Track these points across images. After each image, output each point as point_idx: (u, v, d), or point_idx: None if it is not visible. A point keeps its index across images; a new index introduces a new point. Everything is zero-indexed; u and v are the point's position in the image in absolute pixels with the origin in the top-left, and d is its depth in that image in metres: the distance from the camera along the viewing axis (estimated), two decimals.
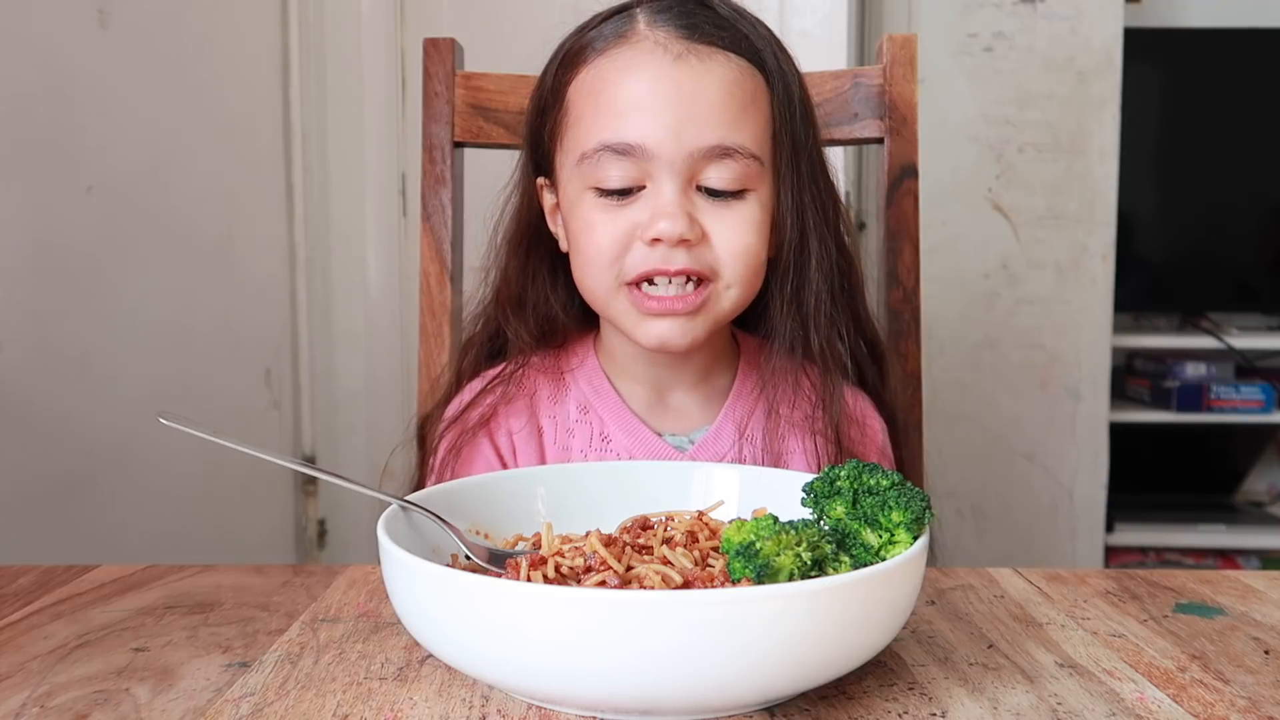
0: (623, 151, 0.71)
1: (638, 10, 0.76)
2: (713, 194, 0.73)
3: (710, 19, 0.75)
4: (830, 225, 0.79)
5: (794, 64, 0.78)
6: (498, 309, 0.85)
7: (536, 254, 0.83)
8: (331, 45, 1.83)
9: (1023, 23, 1.97)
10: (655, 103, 0.71)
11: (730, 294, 0.74)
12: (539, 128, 0.80)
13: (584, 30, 0.78)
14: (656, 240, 0.71)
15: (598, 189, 0.73)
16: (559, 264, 0.83)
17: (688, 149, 0.71)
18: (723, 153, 0.72)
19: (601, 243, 0.73)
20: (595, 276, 0.75)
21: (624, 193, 0.73)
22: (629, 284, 0.74)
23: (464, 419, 0.81)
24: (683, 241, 0.71)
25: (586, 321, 0.85)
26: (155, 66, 1.42)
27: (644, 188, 0.73)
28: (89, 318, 1.29)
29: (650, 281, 0.73)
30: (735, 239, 0.73)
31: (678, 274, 0.72)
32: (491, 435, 0.81)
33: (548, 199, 0.82)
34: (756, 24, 0.77)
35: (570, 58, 0.77)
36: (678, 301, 0.72)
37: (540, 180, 0.82)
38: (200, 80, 1.53)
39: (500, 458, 0.81)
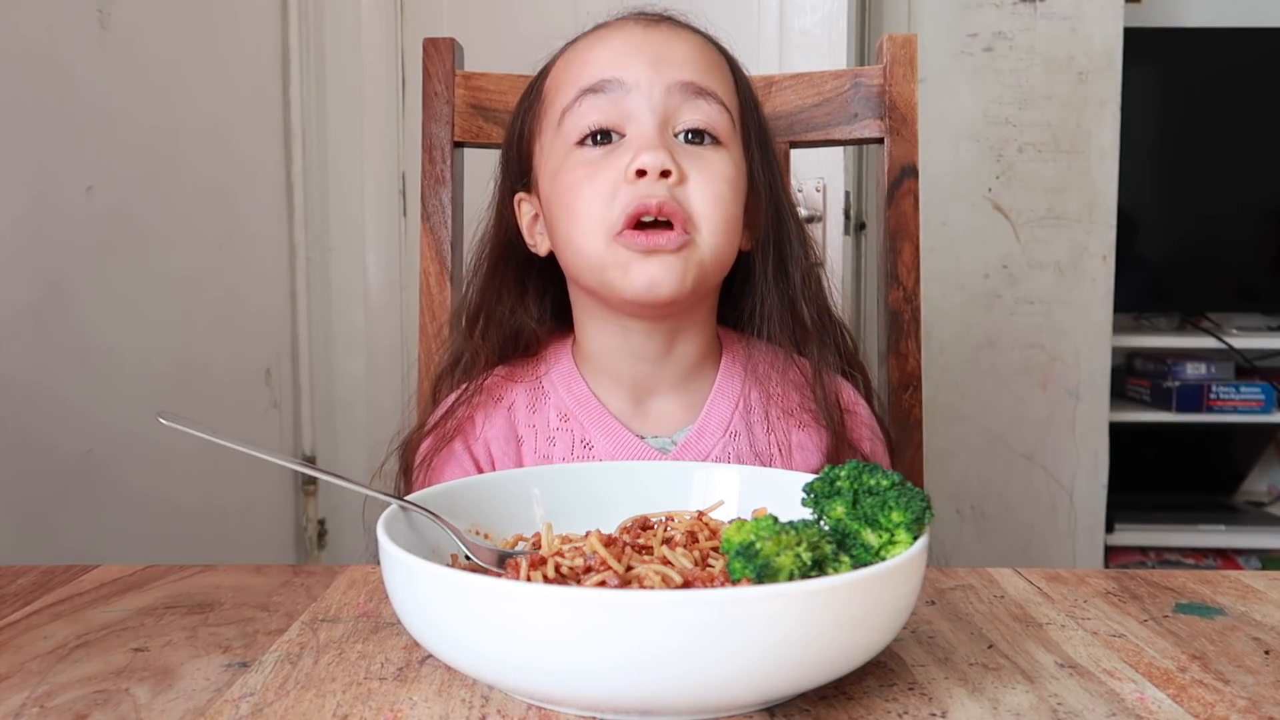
0: (599, 89, 0.74)
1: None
2: (691, 139, 0.75)
3: (678, 19, 0.80)
4: (798, 223, 0.82)
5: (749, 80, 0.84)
6: (461, 329, 0.85)
7: (504, 273, 0.84)
8: (331, 45, 1.83)
9: (1023, 23, 1.97)
10: (630, 47, 0.76)
11: (709, 244, 0.74)
12: (518, 132, 0.83)
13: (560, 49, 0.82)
14: (640, 173, 0.72)
15: (578, 141, 0.75)
16: (529, 279, 0.84)
17: (664, 82, 0.74)
18: (698, 91, 0.75)
19: (589, 195, 0.74)
20: (588, 233, 0.74)
21: (605, 138, 0.75)
22: (618, 233, 0.73)
23: (438, 430, 0.81)
24: (664, 174, 0.72)
25: (556, 326, 0.85)
26: (155, 66, 1.42)
27: (624, 136, 0.75)
28: (89, 318, 1.29)
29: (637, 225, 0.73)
30: (711, 186, 0.74)
31: (659, 209, 0.72)
32: (468, 444, 0.81)
33: (526, 211, 0.83)
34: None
35: (546, 66, 0.82)
36: (662, 236, 0.72)
37: (519, 195, 0.83)
38: (200, 80, 1.53)
39: (478, 466, 0.80)
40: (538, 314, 0.84)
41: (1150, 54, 2.09)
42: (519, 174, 0.83)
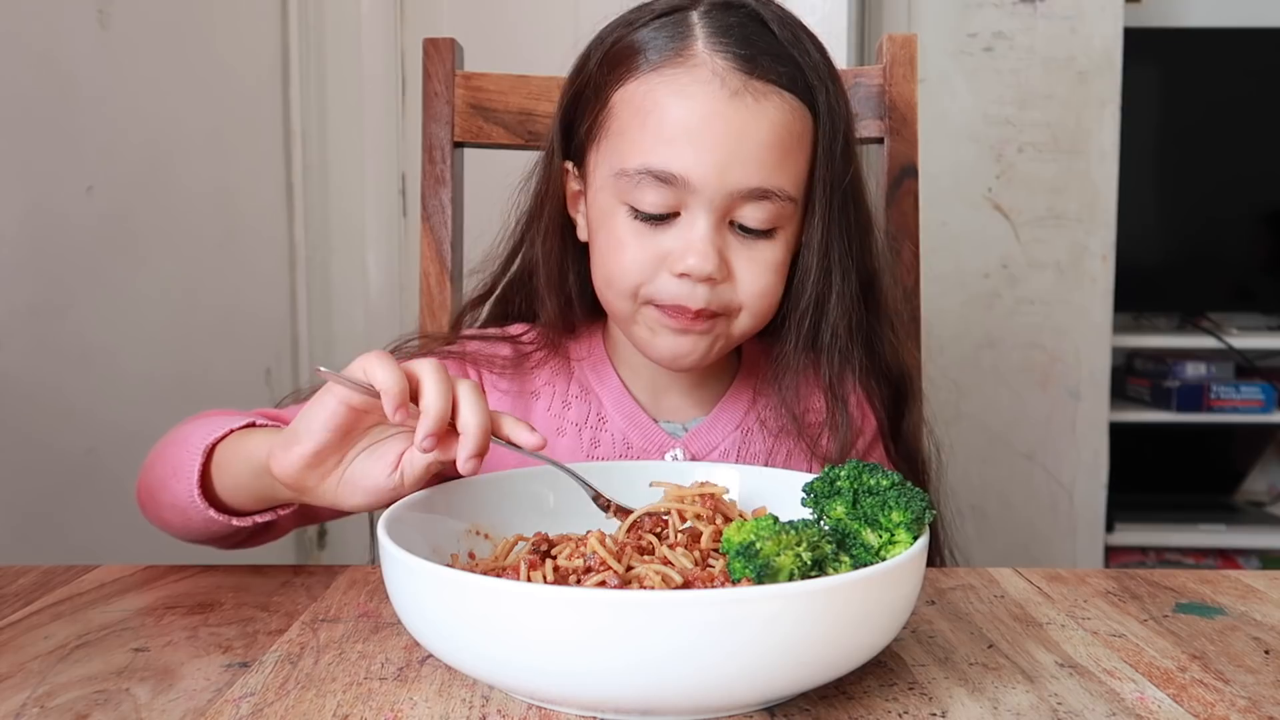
0: (665, 180, 0.71)
1: (694, 17, 0.74)
2: (743, 230, 0.73)
3: (770, 48, 0.73)
4: (855, 259, 0.79)
5: (843, 93, 0.77)
6: (527, 285, 0.85)
7: (572, 236, 0.82)
8: (331, 45, 1.83)
9: (1023, 23, 1.97)
10: (705, 137, 0.71)
11: (743, 324, 0.76)
12: (574, 117, 0.79)
13: (634, 26, 0.75)
14: (684, 274, 0.72)
15: (633, 209, 0.73)
16: (578, 250, 0.82)
17: (729, 188, 0.71)
18: (762, 194, 0.72)
19: (629, 266, 0.74)
20: (619, 297, 0.76)
21: (658, 218, 0.73)
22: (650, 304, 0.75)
23: (456, 342, 0.83)
24: (709, 279, 0.72)
25: (595, 312, 0.84)
26: (155, 66, 1.42)
27: (678, 215, 0.73)
28: (89, 318, 1.29)
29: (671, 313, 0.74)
30: (758, 280, 0.74)
31: (699, 313, 0.73)
32: (466, 365, 0.82)
33: (572, 185, 0.81)
34: (811, 48, 0.76)
35: (618, 57, 0.75)
36: (697, 322, 0.74)
37: (567, 165, 0.81)
38: (200, 80, 1.53)
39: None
40: (579, 287, 0.83)
41: (1150, 54, 2.09)
42: (572, 153, 0.80)
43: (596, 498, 0.63)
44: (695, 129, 0.71)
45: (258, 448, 0.64)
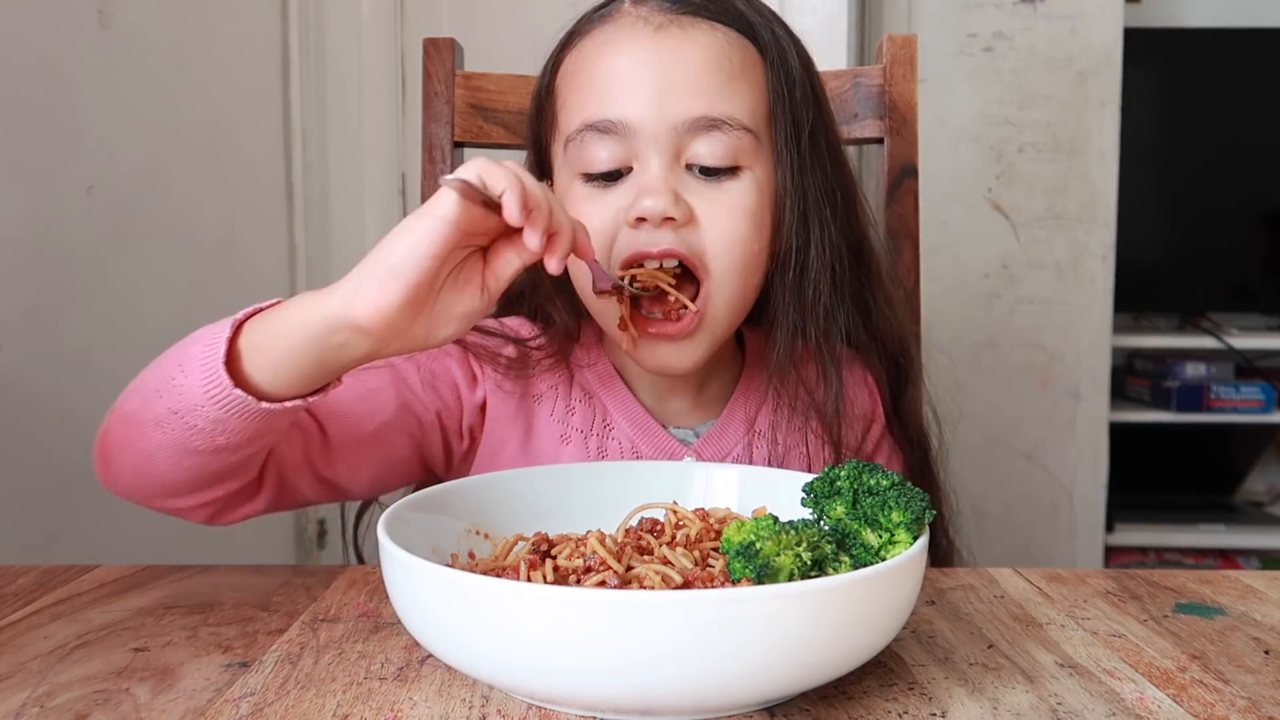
0: (605, 130, 0.69)
1: None
2: (704, 172, 0.70)
3: (691, 6, 0.72)
4: (838, 212, 0.75)
5: (797, 42, 0.76)
6: (536, 292, 0.81)
7: None
8: (331, 45, 1.83)
9: (1023, 23, 1.97)
10: (635, 76, 0.69)
11: (723, 294, 0.71)
12: (537, 127, 0.79)
13: (574, 22, 0.77)
14: (641, 220, 0.68)
15: (584, 175, 0.71)
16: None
17: (671, 121, 0.68)
18: (709, 124, 0.69)
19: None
20: (588, 285, 0.72)
21: (611, 177, 0.70)
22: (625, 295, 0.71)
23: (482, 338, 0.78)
24: (667, 220, 0.68)
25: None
26: (155, 66, 1.42)
27: (630, 170, 0.70)
28: (89, 318, 1.29)
29: (640, 265, 0.70)
30: (726, 225, 0.69)
31: (662, 255, 0.69)
32: (470, 359, 0.77)
33: None
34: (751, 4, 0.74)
35: (559, 50, 0.76)
36: (670, 326, 0.70)
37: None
38: (200, 80, 1.53)
39: (456, 382, 0.76)
40: (568, 303, 0.79)
41: (1150, 54, 2.09)
42: (540, 168, 0.80)
43: (620, 282, 0.63)
44: (624, 72, 0.69)
45: (315, 308, 0.56)
